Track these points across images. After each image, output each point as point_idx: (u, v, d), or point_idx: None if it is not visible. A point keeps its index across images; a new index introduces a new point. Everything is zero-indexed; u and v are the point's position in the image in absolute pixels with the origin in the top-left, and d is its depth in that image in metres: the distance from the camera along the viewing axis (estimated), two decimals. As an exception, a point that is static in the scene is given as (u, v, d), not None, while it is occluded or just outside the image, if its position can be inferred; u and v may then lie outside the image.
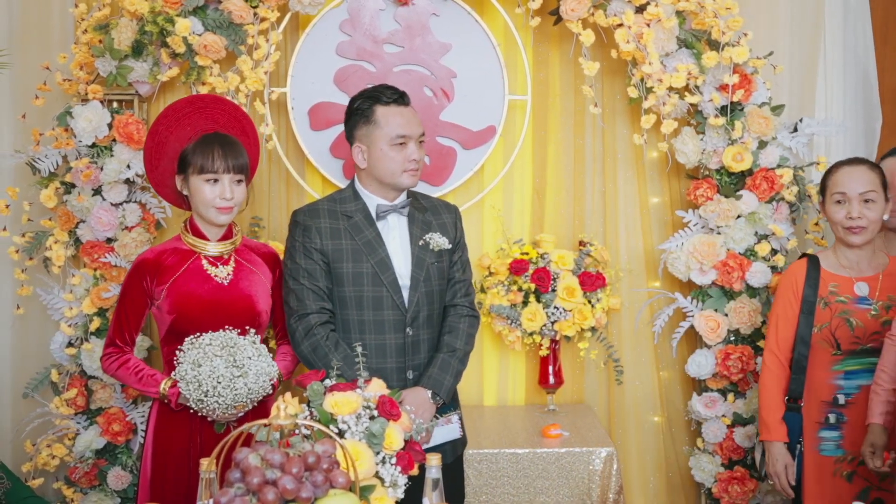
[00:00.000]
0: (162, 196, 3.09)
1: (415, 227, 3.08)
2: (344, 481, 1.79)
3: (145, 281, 2.94)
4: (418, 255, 3.05)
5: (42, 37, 3.92)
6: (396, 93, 3.03)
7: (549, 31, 4.02)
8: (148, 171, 3.02)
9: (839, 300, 3.17)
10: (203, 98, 3.17)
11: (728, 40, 3.64)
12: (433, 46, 3.94)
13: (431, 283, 3.06)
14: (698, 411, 3.81)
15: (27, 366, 3.94)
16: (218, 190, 2.92)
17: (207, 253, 3.00)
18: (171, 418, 2.93)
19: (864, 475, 3.11)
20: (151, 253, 3.00)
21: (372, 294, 3.00)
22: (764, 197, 3.71)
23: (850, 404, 3.14)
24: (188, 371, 2.74)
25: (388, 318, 3.01)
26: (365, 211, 3.05)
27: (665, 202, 4.08)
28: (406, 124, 3.00)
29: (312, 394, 2.45)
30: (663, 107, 3.71)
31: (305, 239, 3.01)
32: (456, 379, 3.04)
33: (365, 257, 2.99)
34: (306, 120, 3.93)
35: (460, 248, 3.18)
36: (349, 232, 3.02)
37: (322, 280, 2.99)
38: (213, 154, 2.91)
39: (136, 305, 2.97)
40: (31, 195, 3.75)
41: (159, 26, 3.56)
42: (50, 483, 3.83)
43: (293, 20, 3.89)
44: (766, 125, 3.69)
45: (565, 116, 4.14)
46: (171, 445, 2.93)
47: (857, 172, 3.16)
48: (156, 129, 2.97)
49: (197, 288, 2.95)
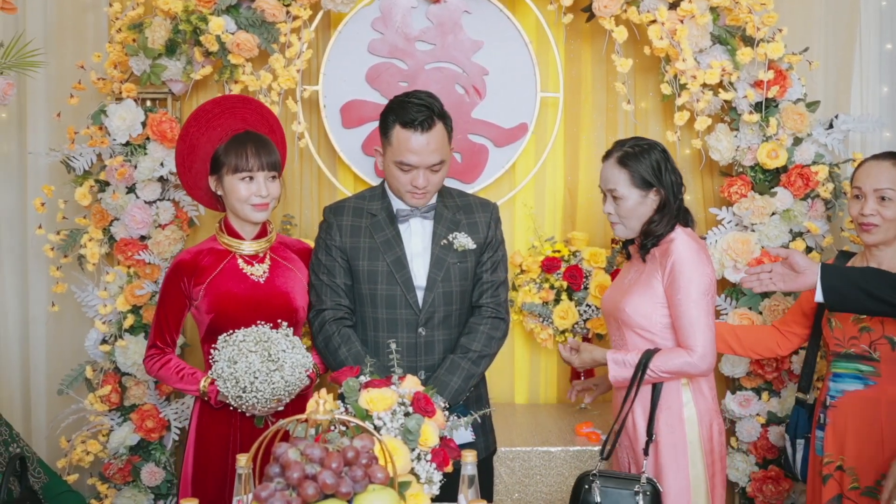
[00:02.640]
0: (195, 198, 3.11)
1: (440, 226, 3.06)
2: (383, 477, 1.78)
3: (183, 282, 2.96)
4: (438, 256, 3.03)
5: (77, 36, 3.96)
6: (424, 114, 2.90)
7: (581, 28, 4.00)
8: (181, 174, 3.04)
9: None
10: (230, 98, 3.18)
11: (763, 36, 3.61)
12: (465, 44, 3.93)
13: (451, 284, 3.04)
14: (732, 410, 3.77)
15: (62, 363, 3.98)
16: (254, 188, 2.94)
17: (243, 252, 3.00)
18: (212, 415, 2.95)
19: (838, 480, 3.05)
20: (188, 254, 3.01)
21: (386, 292, 3.01)
22: (799, 194, 3.67)
23: (832, 407, 3.09)
24: (224, 369, 2.75)
25: (401, 317, 3.01)
26: (388, 210, 3.06)
27: (698, 199, 4.04)
28: (415, 154, 2.91)
29: (348, 390, 2.44)
30: (697, 103, 3.68)
31: (327, 236, 3.06)
32: (466, 381, 2.99)
33: (381, 256, 3.00)
34: (338, 118, 3.93)
35: (491, 247, 3.12)
36: (369, 230, 3.03)
37: (340, 276, 3.02)
38: (247, 152, 2.93)
39: (175, 307, 2.99)
40: (66, 193, 3.78)
41: (193, 25, 3.58)
42: (84, 479, 3.86)
43: (325, 18, 3.90)
44: (802, 122, 3.66)
45: (597, 114, 4.12)
46: (212, 441, 2.95)
47: (876, 168, 3.03)
48: (186, 132, 2.99)
49: (234, 287, 2.96)
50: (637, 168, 2.94)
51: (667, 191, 2.95)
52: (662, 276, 2.90)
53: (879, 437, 2.97)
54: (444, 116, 2.98)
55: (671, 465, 2.90)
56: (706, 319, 2.87)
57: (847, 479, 3.02)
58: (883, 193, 2.99)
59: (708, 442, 2.94)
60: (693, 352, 2.85)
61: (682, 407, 2.93)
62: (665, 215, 2.95)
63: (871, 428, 2.99)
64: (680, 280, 2.85)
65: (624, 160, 2.96)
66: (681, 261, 2.86)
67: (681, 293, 2.85)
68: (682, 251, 2.88)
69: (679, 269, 2.86)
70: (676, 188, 2.98)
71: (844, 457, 3.04)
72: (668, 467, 2.90)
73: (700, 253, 2.91)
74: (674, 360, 2.86)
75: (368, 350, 2.98)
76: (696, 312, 2.85)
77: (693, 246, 2.90)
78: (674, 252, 2.88)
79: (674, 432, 2.91)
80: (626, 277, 3.08)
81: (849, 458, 3.03)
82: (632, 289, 2.98)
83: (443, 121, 2.96)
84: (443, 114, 2.97)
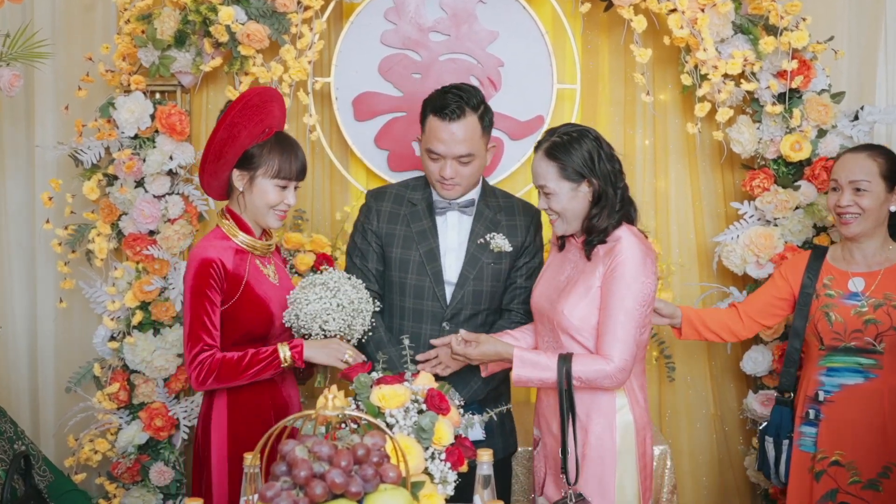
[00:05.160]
0: (206, 187, 2.93)
1: (479, 224, 3.07)
2: (395, 476, 1.70)
3: (217, 282, 2.78)
4: (473, 253, 3.05)
5: (85, 27, 3.90)
6: (456, 103, 2.93)
7: (598, 18, 3.92)
8: (209, 160, 2.81)
9: (828, 293, 3.07)
10: (270, 91, 2.96)
11: (786, 25, 3.52)
12: (480, 34, 3.85)
13: (483, 283, 3.05)
14: (754, 410, 3.69)
15: (70, 360, 3.93)
16: (287, 196, 2.85)
17: (257, 252, 2.90)
18: (246, 413, 2.84)
19: (833, 475, 3.02)
20: (214, 252, 2.80)
21: (415, 282, 3.03)
22: (823, 187, 3.58)
23: (828, 402, 3.04)
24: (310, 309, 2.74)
25: (427, 309, 3.03)
26: (428, 201, 3.09)
27: (719, 193, 3.97)
28: (442, 143, 2.95)
29: (359, 386, 2.38)
30: (718, 94, 3.59)
31: (365, 219, 3.11)
32: (486, 383, 3.00)
33: (415, 245, 3.02)
34: (350, 110, 3.87)
35: (528, 252, 3.12)
36: (407, 218, 3.06)
37: (372, 262, 3.06)
38: (292, 159, 2.84)
39: (214, 306, 2.79)
40: (73, 187, 3.72)
41: (202, 15, 3.52)
42: (92, 478, 3.81)
43: (337, 8, 3.83)
44: (826, 113, 3.57)
45: (615, 106, 4.03)
46: (248, 438, 2.77)
47: (851, 160, 3.04)
48: (232, 120, 2.77)
49: (267, 290, 2.87)
50: (567, 159, 2.72)
51: (602, 181, 2.73)
52: (602, 275, 2.71)
53: (882, 429, 2.98)
54: (480, 110, 2.99)
55: (597, 479, 2.72)
56: (634, 332, 2.68)
57: (845, 474, 3.02)
58: (858, 185, 3.00)
59: (642, 458, 2.77)
60: (610, 361, 2.65)
61: (615, 413, 2.75)
62: (605, 208, 2.73)
63: (873, 421, 2.99)
64: (618, 285, 2.66)
65: (552, 152, 2.74)
66: (624, 265, 2.67)
67: (615, 298, 2.66)
68: (627, 255, 2.68)
69: (620, 274, 2.67)
70: (614, 177, 2.76)
71: (842, 451, 3.01)
72: (594, 480, 2.71)
73: (646, 259, 2.72)
74: (590, 366, 2.67)
75: (392, 337, 2.99)
76: (626, 322, 2.66)
77: (640, 251, 2.71)
78: (619, 254, 2.69)
79: (602, 442, 2.73)
80: (562, 273, 2.87)
81: (847, 453, 3.01)
82: (571, 289, 2.77)
83: (477, 113, 2.97)
84: (479, 107, 2.98)
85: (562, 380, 2.67)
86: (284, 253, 3.73)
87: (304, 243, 3.76)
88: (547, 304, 2.83)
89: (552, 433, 2.81)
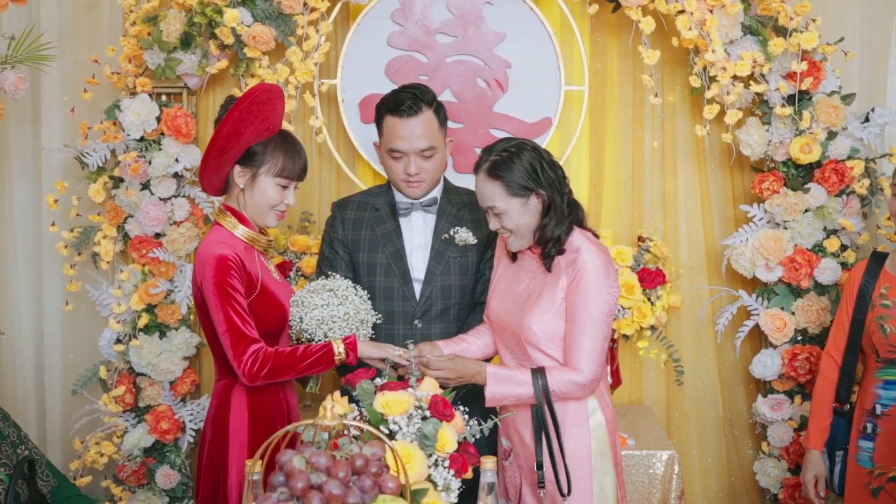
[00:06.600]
0: (204, 184, 2.86)
1: (443, 221, 3.12)
2: (394, 486, 1.68)
3: (238, 277, 2.73)
4: (438, 249, 3.10)
5: (91, 30, 3.89)
6: (411, 100, 2.97)
7: (606, 19, 3.89)
8: (212, 156, 2.76)
9: (884, 304, 2.98)
10: (274, 88, 2.89)
11: (796, 26, 3.49)
12: (487, 36, 3.83)
13: (451, 278, 3.09)
14: (764, 414, 3.66)
15: (76, 362, 3.93)
16: (287, 196, 2.82)
17: (259, 247, 2.87)
18: (267, 414, 2.81)
19: (892, 492, 2.92)
20: (227, 249, 2.74)
21: (384, 284, 3.08)
22: (833, 190, 3.55)
23: (884, 415, 2.96)
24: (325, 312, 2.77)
25: (398, 309, 3.08)
26: (391, 204, 3.14)
27: (728, 196, 3.94)
28: (403, 140, 2.99)
29: (362, 393, 2.37)
30: (727, 96, 3.56)
31: (331, 229, 3.18)
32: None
33: (381, 248, 3.08)
34: (357, 112, 3.85)
35: (495, 244, 3.07)
36: (371, 223, 3.12)
37: (341, 270, 3.07)
38: (298, 159, 2.82)
39: (244, 299, 2.74)
40: (79, 190, 3.71)
41: (208, 17, 3.50)
42: (98, 481, 3.80)
43: (343, 10, 3.81)
44: (836, 115, 3.53)
45: (623, 108, 4.01)
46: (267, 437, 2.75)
47: None
48: (238, 116, 2.72)
49: (277, 287, 2.86)
50: (510, 176, 2.66)
51: (549, 190, 2.69)
52: (565, 287, 2.67)
53: None
54: (434, 105, 3.04)
55: (576, 485, 2.67)
56: (602, 344, 2.67)
57: None
58: None
59: (616, 456, 2.76)
60: (581, 373, 2.64)
61: (588, 417, 2.73)
62: (554, 216, 2.69)
63: None
64: (584, 297, 2.63)
65: (494, 171, 2.68)
66: (588, 278, 2.64)
67: (583, 311, 2.63)
68: (590, 268, 2.65)
69: (585, 287, 2.64)
70: (559, 184, 2.72)
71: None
72: (574, 486, 2.67)
73: (608, 268, 2.69)
74: (563, 378, 2.65)
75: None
76: (594, 334, 2.64)
77: (601, 261, 2.68)
78: (582, 267, 2.65)
79: (579, 448, 2.71)
80: (518, 284, 2.81)
81: None
82: (535, 302, 2.72)
83: (432, 108, 3.03)
84: (432, 102, 3.04)
85: (539, 394, 2.66)
86: (290, 255, 3.72)
87: (311, 246, 3.74)
88: (509, 317, 2.79)
89: (525, 444, 2.77)
